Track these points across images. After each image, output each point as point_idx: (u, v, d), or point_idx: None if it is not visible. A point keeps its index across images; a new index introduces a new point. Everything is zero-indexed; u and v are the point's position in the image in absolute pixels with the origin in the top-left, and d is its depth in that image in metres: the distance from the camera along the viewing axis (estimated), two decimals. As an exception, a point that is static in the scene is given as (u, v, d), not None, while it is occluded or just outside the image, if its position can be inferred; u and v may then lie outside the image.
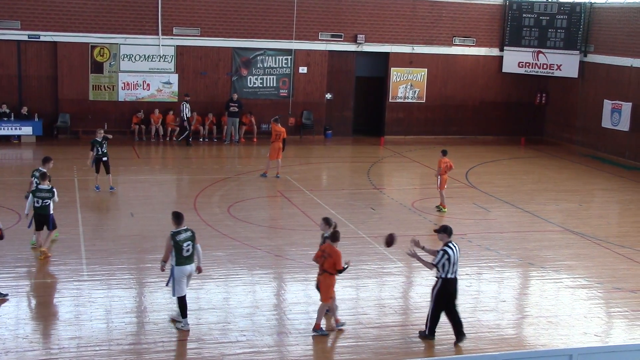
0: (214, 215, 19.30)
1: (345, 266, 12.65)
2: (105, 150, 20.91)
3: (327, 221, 13.34)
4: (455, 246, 12.50)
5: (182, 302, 12.60)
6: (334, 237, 12.73)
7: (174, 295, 12.67)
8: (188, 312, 12.68)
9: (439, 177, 20.73)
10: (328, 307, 12.85)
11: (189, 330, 12.56)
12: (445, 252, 12.36)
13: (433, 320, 12.52)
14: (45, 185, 15.62)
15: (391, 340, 12.61)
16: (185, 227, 12.66)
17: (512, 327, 13.51)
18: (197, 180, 23.42)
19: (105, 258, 15.78)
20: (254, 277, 15.28)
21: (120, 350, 11.77)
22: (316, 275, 13.10)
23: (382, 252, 16.96)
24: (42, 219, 15.67)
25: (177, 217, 12.69)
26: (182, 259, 12.48)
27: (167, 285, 12.85)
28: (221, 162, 27.03)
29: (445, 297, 12.43)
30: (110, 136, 21.59)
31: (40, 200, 15.48)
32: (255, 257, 16.31)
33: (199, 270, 12.87)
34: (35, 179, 16.15)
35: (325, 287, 12.66)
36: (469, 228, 19.19)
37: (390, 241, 12.88)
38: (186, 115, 28.45)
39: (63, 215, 18.62)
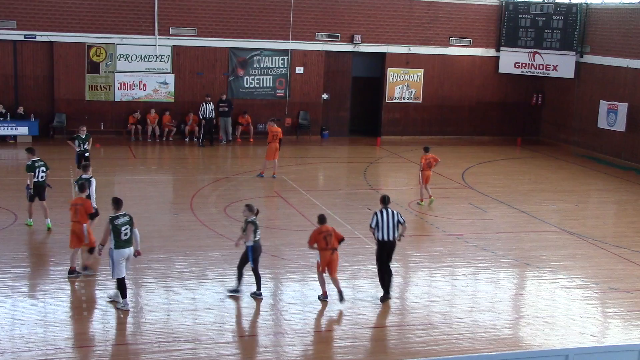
0: (210, 216, 19.29)
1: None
2: (88, 147, 21.15)
3: (250, 208, 13.95)
4: (387, 212, 14.31)
5: (121, 284, 13.17)
6: (324, 219, 14.17)
7: (113, 277, 13.21)
8: (188, 312, 12.67)
9: (420, 173, 21.16)
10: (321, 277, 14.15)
11: (129, 310, 13.11)
12: (375, 214, 14.32)
13: (381, 280, 14.41)
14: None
15: (388, 340, 12.62)
16: (123, 212, 13.31)
17: (508, 327, 13.52)
18: (194, 180, 23.41)
19: (102, 258, 15.71)
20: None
21: (116, 350, 11.75)
22: (319, 258, 13.97)
23: (378, 253, 16.95)
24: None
25: (117, 203, 13.37)
26: (121, 242, 13.14)
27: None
28: (217, 162, 27.00)
29: (382, 256, 14.29)
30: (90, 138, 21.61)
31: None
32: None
33: (137, 253, 13.44)
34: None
35: (336, 263, 14.01)
36: (466, 228, 19.21)
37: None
38: (208, 115, 28.49)
39: (59, 215, 18.58)
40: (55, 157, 23.92)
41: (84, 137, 21.06)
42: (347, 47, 31.27)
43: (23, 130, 27.74)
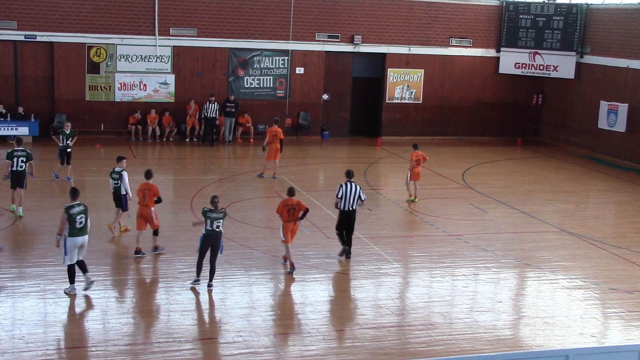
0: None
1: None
2: (70, 143, 21.91)
3: (211, 199, 14.48)
4: (351, 185, 16.18)
5: (70, 270, 13.73)
6: (292, 191, 15.52)
7: (64, 263, 13.70)
8: (188, 312, 12.67)
9: (409, 170, 21.34)
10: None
11: (75, 295, 13.64)
12: (341, 186, 16.17)
13: (340, 239, 16.46)
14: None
15: (388, 340, 12.61)
16: (78, 202, 13.76)
17: (508, 327, 13.52)
18: (194, 180, 23.42)
19: (102, 259, 15.77)
20: (251, 277, 15.27)
21: (116, 350, 11.76)
22: (281, 229, 15.40)
23: (378, 253, 16.97)
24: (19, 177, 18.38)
25: (73, 193, 13.92)
26: (75, 231, 13.57)
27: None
28: (218, 162, 27.01)
29: (342, 223, 16.31)
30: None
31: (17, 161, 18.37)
32: (252, 258, 16.30)
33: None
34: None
35: (294, 232, 15.51)
36: (466, 229, 19.21)
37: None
38: (210, 115, 28.53)
39: (59, 216, 18.59)
40: (55, 157, 23.87)
41: (67, 132, 21.87)
42: (348, 48, 31.28)
43: (23, 130, 27.72)
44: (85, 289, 13.87)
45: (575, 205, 22.48)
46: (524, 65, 32.44)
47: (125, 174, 17.20)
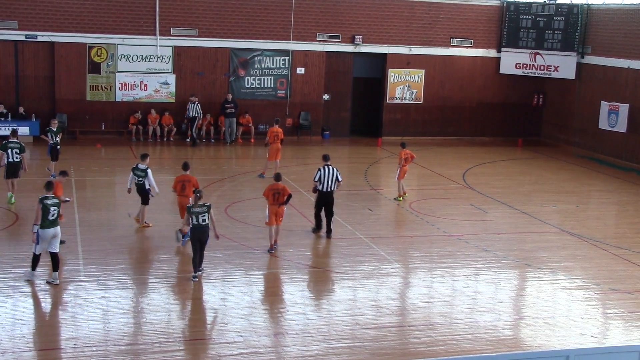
0: (211, 216, 19.27)
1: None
2: (59, 140, 22.54)
3: (194, 196, 15.18)
4: (328, 168, 17.71)
5: (34, 259, 14.24)
6: (278, 177, 16.84)
7: (34, 251, 14.19)
8: (189, 311, 12.65)
9: (399, 168, 21.44)
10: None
11: (33, 281, 14.17)
12: (319, 170, 17.74)
13: (316, 219, 18.01)
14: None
15: (388, 341, 12.61)
16: (52, 195, 14.26)
17: (509, 328, 13.52)
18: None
19: (102, 258, 15.77)
20: (251, 277, 15.28)
21: (117, 350, 11.76)
22: (267, 211, 16.39)
23: (379, 253, 16.97)
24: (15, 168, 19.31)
25: (48, 185, 14.42)
26: (47, 222, 14.01)
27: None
28: (218, 162, 27.02)
29: (320, 203, 17.76)
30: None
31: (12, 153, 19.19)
32: (252, 258, 16.30)
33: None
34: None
35: (279, 215, 16.47)
36: (466, 229, 19.21)
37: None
38: (191, 114, 28.53)
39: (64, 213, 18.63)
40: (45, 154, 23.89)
41: (55, 130, 22.47)
42: (348, 48, 31.27)
43: (24, 130, 27.64)
44: (47, 282, 14.29)
45: (576, 205, 22.48)
46: (524, 66, 32.44)
47: (150, 171, 17.89)
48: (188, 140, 29.10)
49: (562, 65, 31.50)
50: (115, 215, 19.36)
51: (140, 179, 17.85)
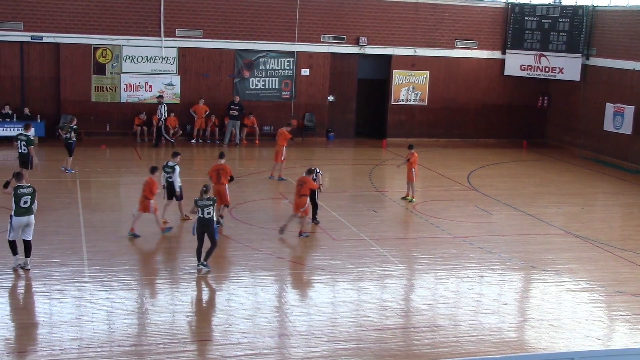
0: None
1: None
2: (71, 135, 23.31)
3: (201, 190, 15.49)
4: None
5: (11, 245, 14.79)
6: (221, 156, 18.55)
7: (8, 237, 14.77)
8: (193, 313, 12.65)
9: (413, 170, 21.51)
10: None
11: (17, 267, 14.69)
12: (316, 172, 18.52)
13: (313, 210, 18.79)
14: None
15: (393, 342, 12.60)
16: (28, 185, 14.93)
17: (513, 330, 13.50)
18: (199, 182, 23.31)
19: (107, 259, 15.79)
20: (256, 278, 15.28)
21: (121, 351, 11.77)
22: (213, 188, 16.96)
23: (383, 255, 16.96)
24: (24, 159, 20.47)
25: (18, 175, 15.09)
26: (20, 210, 14.60)
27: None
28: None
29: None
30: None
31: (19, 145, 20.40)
32: (256, 259, 16.30)
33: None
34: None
35: (225, 194, 18.00)
36: (471, 231, 19.18)
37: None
38: (160, 115, 28.20)
39: (65, 217, 18.68)
40: (60, 157, 23.95)
41: (74, 126, 23.45)
42: (353, 49, 31.27)
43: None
44: (20, 266, 14.82)
45: (581, 207, 22.43)
46: (529, 67, 32.41)
47: (177, 168, 18.36)
48: (161, 141, 28.68)
49: (567, 67, 31.46)
50: (120, 216, 19.37)
51: (170, 175, 18.36)
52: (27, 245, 14.82)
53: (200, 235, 15.17)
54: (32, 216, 14.79)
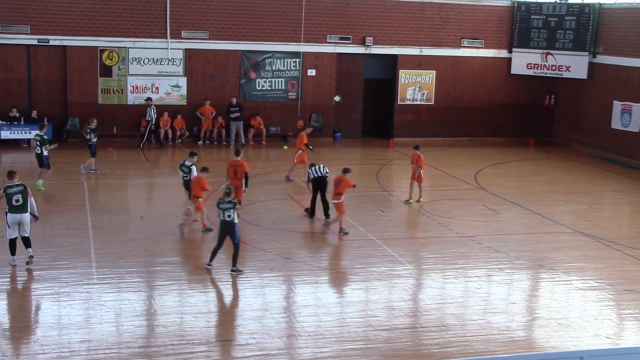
0: (223, 218, 19.30)
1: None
2: (91, 137, 23.68)
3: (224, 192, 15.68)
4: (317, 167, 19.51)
5: (10, 244, 15.05)
6: (237, 152, 19.32)
7: (6, 236, 15.07)
8: (201, 314, 12.67)
9: (421, 171, 21.38)
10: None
11: (16, 265, 14.99)
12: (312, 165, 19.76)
13: (311, 205, 19.44)
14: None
15: (401, 342, 12.59)
16: (18, 183, 15.12)
17: (522, 329, 13.47)
18: (208, 182, 23.39)
19: (115, 261, 15.82)
20: (264, 279, 15.28)
21: (130, 353, 11.79)
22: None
23: (391, 255, 16.95)
24: None
25: (9, 174, 15.28)
26: (13, 209, 14.95)
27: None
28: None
29: (315, 190, 19.30)
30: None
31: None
32: (264, 260, 16.31)
33: (34, 219, 15.36)
34: None
35: (241, 190, 18.40)
36: (479, 230, 19.15)
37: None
38: (148, 118, 28.17)
39: (73, 219, 18.72)
40: (68, 160, 24.03)
41: (93, 127, 23.65)
42: (359, 49, 31.26)
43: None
44: (26, 262, 15.05)
45: (589, 206, 22.37)
46: (536, 66, 32.33)
47: (194, 168, 18.58)
48: (149, 141, 28.74)
49: (574, 65, 31.38)
50: (127, 218, 19.42)
51: (186, 175, 18.69)
52: (26, 240, 15.16)
53: (221, 238, 15.30)
54: (26, 214, 15.05)
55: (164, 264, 15.81)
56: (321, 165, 19.70)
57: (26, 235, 15.12)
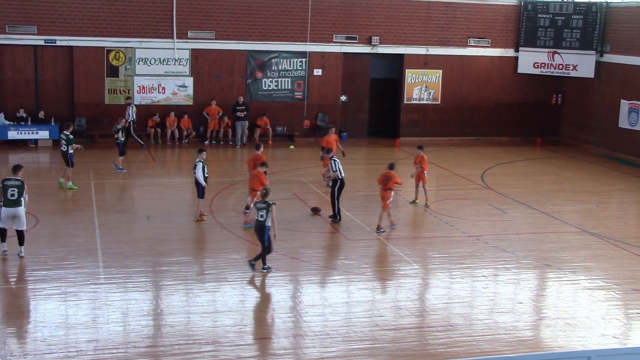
0: (229, 218, 19.34)
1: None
2: (120, 135, 24.02)
3: (262, 191, 15.97)
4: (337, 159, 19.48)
5: (1, 231, 15.61)
6: (257, 147, 19.94)
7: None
8: (208, 314, 12.67)
9: (424, 171, 21.22)
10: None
11: (5, 251, 15.57)
12: (334, 161, 19.30)
13: (336, 207, 19.15)
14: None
15: (408, 342, 12.58)
16: (15, 178, 15.56)
17: (529, 329, 13.44)
18: (213, 183, 23.38)
19: (122, 261, 15.85)
20: (270, 279, 15.29)
21: (137, 352, 11.81)
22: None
23: (397, 254, 16.94)
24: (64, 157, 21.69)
25: (15, 168, 15.86)
26: (7, 202, 15.42)
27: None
28: (236, 164, 27.08)
29: (341, 189, 19.17)
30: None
31: None
32: (271, 260, 16.29)
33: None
34: None
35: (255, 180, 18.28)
36: (485, 229, 19.12)
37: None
38: (129, 118, 27.88)
39: (79, 219, 18.77)
40: (75, 160, 24.02)
41: (120, 127, 24.01)
42: (365, 49, 31.25)
43: (44, 134, 27.96)
44: (18, 254, 15.63)
45: (596, 205, 22.31)
46: (543, 65, 32.26)
47: (199, 165, 18.66)
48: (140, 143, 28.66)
49: (581, 64, 31.29)
50: (134, 217, 19.46)
51: (194, 171, 18.87)
52: (20, 234, 15.59)
53: (257, 236, 15.60)
54: (20, 208, 15.46)
55: (171, 264, 15.84)
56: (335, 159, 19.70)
57: (21, 229, 15.54)
